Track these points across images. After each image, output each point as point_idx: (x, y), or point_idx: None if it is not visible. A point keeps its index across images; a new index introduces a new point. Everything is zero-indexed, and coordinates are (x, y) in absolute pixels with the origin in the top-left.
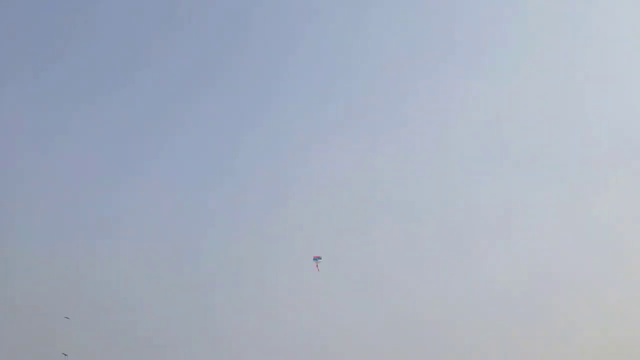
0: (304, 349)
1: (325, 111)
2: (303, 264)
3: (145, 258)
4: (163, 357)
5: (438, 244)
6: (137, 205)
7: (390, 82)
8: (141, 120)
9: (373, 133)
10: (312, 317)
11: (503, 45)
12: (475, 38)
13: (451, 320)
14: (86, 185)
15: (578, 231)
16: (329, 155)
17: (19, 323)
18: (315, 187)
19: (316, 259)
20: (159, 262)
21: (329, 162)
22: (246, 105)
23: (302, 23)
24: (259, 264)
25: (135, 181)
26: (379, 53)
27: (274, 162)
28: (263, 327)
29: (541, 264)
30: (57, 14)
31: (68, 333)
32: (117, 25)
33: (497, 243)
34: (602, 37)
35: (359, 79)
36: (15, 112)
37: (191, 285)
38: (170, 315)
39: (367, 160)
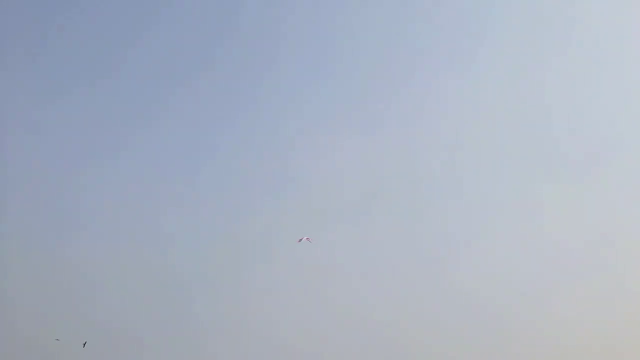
0: (281, 345)
1: (310, 107)
2: (281, 260)
3: (120, 252)
4: (138, 351)
5: (410, 245)
6: (113, 198)
7: (380, 79)
8: (121, 110)
9: (356, 130)
10: (289, 313)
11: (494, 43)
12: (469, 34)
13: (420, 327)
14: (63, 175)
15: (551, 239)
16: (312, 152)
17: None
18: (296, 183)
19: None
20: (135, 255)
21: (311, 159)
22: (229, 99)
23: (293, 14)
24: (237, 259)
25: (112, 173)
26: (371, 48)
27: (256, 155)
28: (239, 322)
29: (512, 272)
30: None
31: (42, 328)
32: (98, 13)
33: (470, 248)
34: (590, 36)
35: (349, 74)
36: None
37: (167, 278)
38: (145, 309)
39: (347, 158)
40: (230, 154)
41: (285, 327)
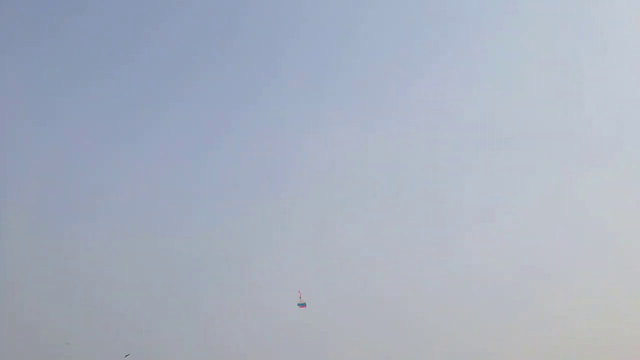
0: (288, 334)
1: (319, 97)
2: (289, 249)
3: (129, 238)
4: (144, 340)
5: (422, 231)
6: (120, 185)
7: (385, 68)
8: (129, 98)
9: (364, 118)
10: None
11: (501, 30)
12: (473, 24)
13: (431, 310)
14: (73, 163)
15: (566, 220)
16: (319, 142)
17: None
18: (304, 172)
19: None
20: (143, 242)
21: (318, 149)
22: (239, 86)
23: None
24: (245, 246)
25: (119, 160)
26: (376, 40)
27: (263, 146)
28: (246, 311)
29: (525, 252)
30: None
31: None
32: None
33: (482, 230)
34: (603, 24)
35: (355, 65)
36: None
37: (174, 269)
38: (153, 295)
39: (356, 145)
40: (242, 143)
41: (292, 313)
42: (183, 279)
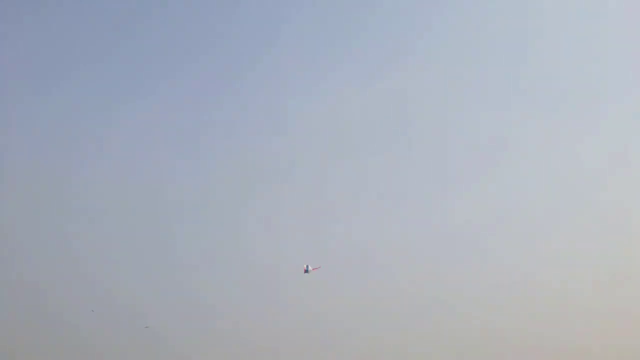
0: (272, 284)
1: (323, 53)
2: (281, 193)
3: (123, 181)
4: (127, 294)
5: (405, 181)
6: (123, 132)
7: (387, 26)
8: (135, 60)
9: (367, 65)
10: (285, 246)
11: None
12: None
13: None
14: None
15: (559, 176)
16: (315, 94)
17: None
18: (299, 122)
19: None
20: (136, 184)
21: (320, 101)
22: (244, 44)
23: None
24: (236, 192)
25: (127, 110)
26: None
27: (266, 100)
28: (235, 252)
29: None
30: None
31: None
32: None
33: (470, 184)
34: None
35: (357, 21)
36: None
37: (166, 209)
38: (143, 239)
39: (358, 99)
40: (246, 97)
41: (279, 260)
42: (170, 226)
